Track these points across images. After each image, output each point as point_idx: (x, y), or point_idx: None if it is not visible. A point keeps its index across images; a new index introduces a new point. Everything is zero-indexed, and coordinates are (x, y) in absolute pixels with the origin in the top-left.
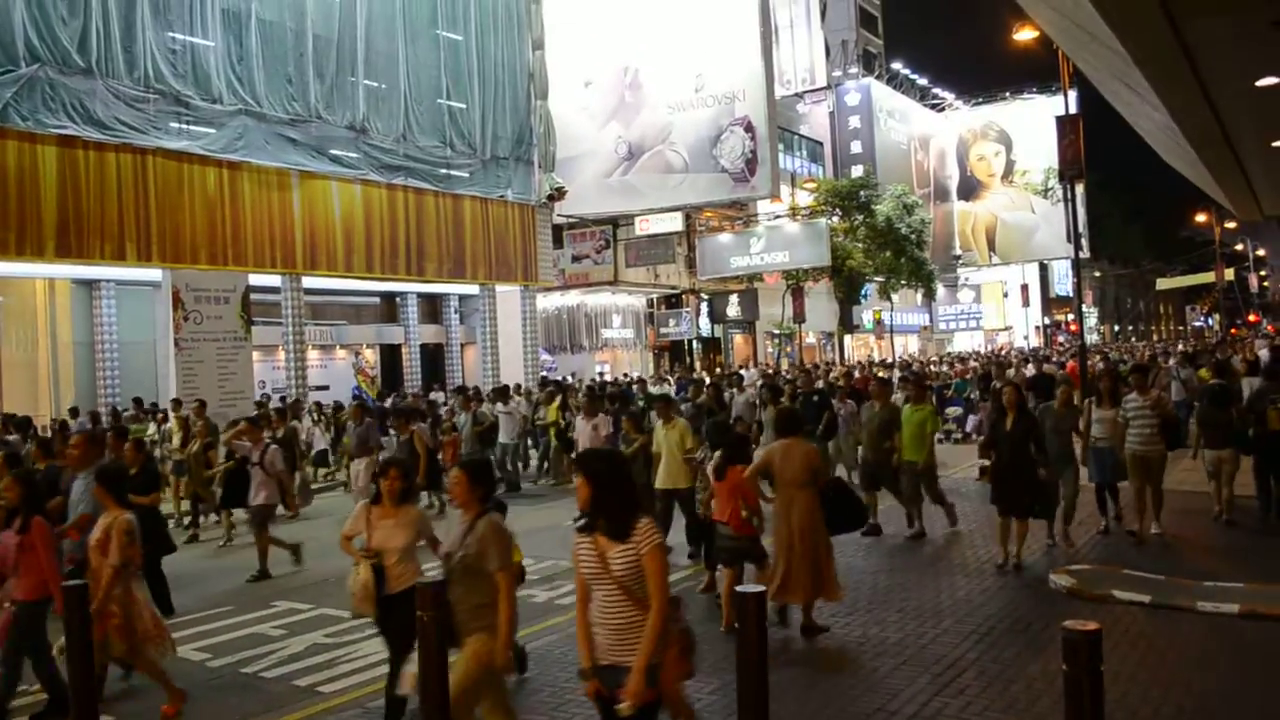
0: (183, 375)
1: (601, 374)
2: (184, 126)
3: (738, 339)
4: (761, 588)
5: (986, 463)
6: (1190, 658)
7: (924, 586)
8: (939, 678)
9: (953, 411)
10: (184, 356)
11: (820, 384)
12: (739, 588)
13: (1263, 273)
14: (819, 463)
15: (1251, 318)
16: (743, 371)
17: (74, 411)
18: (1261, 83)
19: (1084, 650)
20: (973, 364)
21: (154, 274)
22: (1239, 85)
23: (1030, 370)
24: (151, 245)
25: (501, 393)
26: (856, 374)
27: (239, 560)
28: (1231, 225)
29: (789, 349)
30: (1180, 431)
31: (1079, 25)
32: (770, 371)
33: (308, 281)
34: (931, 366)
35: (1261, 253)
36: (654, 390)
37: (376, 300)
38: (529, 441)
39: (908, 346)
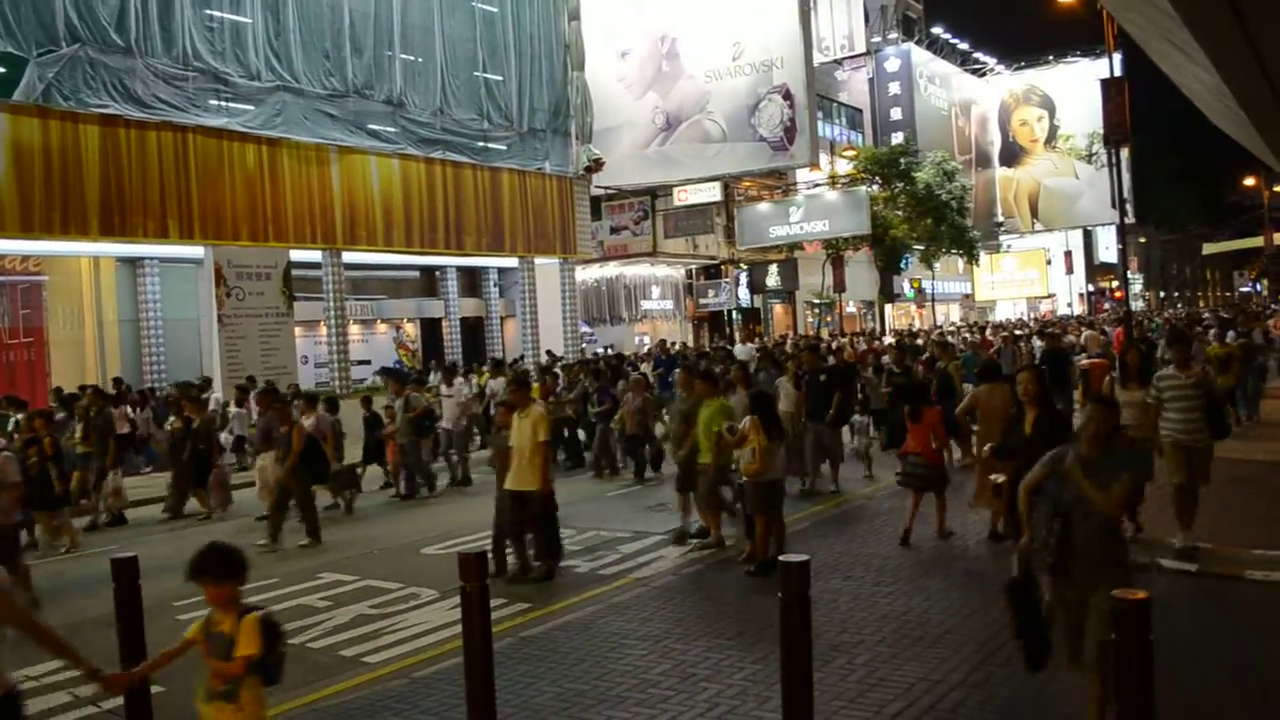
0: (226, 351)
1: (639, 345)
2: (223, 104)
3: (778, 309)
4: (805, 557)
5: (1000, 478)
6: (1242, 626)
7: (966, 558)
8: (984, 646)
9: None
10: (227, 332)
11: (832, 359)
12: (783, 557)
13: None
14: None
15: None
16: (738, 347)
17: (117, 382)
18: None
19: (1133, 619)
20: (972, 337)
21: (197, 251)
22: None
23: (1036, 346)
24: (194, 222)
25: (449, 372)
26: (861, 345)
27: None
28: None
29: (829, 318)
30: (1226, 418)
31: None
32: (770, 345)
33: (348, 256)
34: (953, 336)
35: None
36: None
37: (417, 274)
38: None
39: (949, 314)
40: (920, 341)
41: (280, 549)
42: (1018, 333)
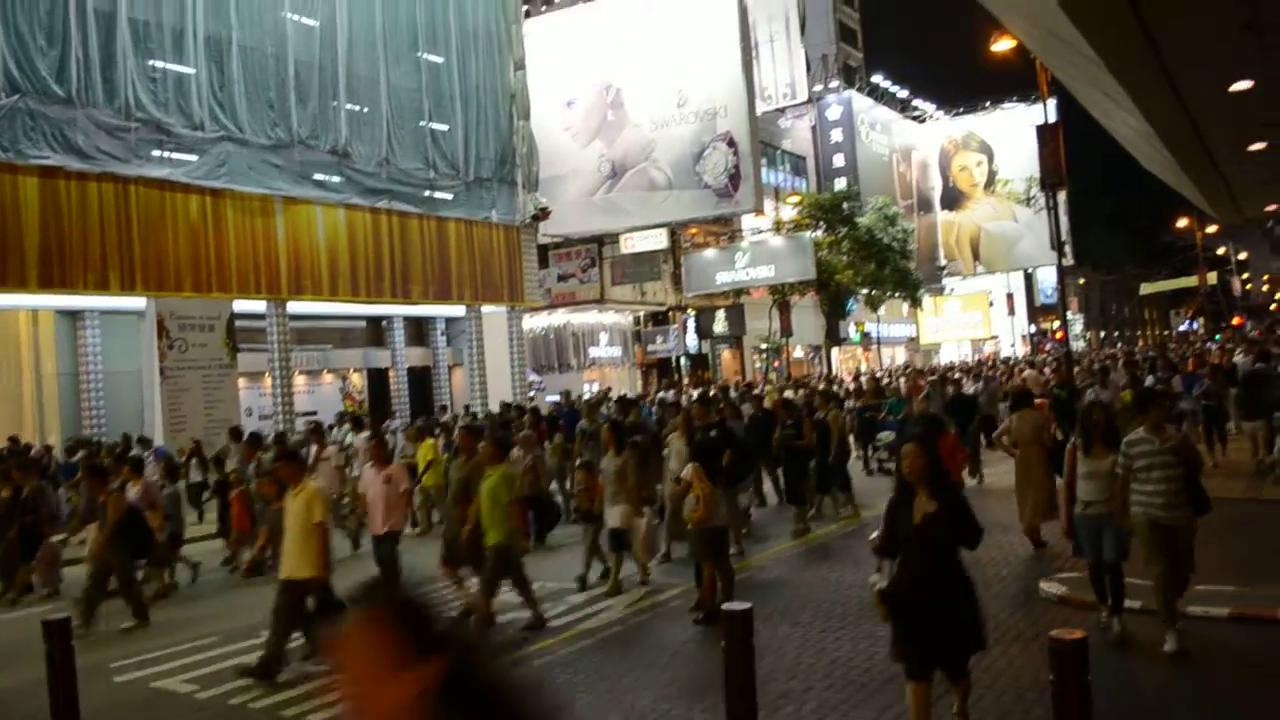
0: (169, 405)
1: (584, 393)
2: (166, 154)
3: (726, 354)
4: (748, 605)
5: (880, 582)
6: (1182, 662)
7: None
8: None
9: (885, 437)
10: (170, 385)
11: (745, 407)
12: (725, 605)
13: (1244, 275)
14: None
15: (1235, 321)
16: (661, 394)
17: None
18: (1235, 87)
19: (1070, 659)
20: (924, 380)
21: (139, 303)
22: (1213, 90)
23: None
24: (135, 274)
25: (316, 433)
26: (784, 393)
27: (224, 593)
28: (1212, 229)
29: (777, 363)
30: (1204, 491)
31: (1054, 34)
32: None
33: (294, 306)
34: (889, 379)
35: (1244, 256)
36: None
37: (363, 324)
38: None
39: (895, 357)
40: (850, 386)
41: (94, 633)
42: (956, 375)
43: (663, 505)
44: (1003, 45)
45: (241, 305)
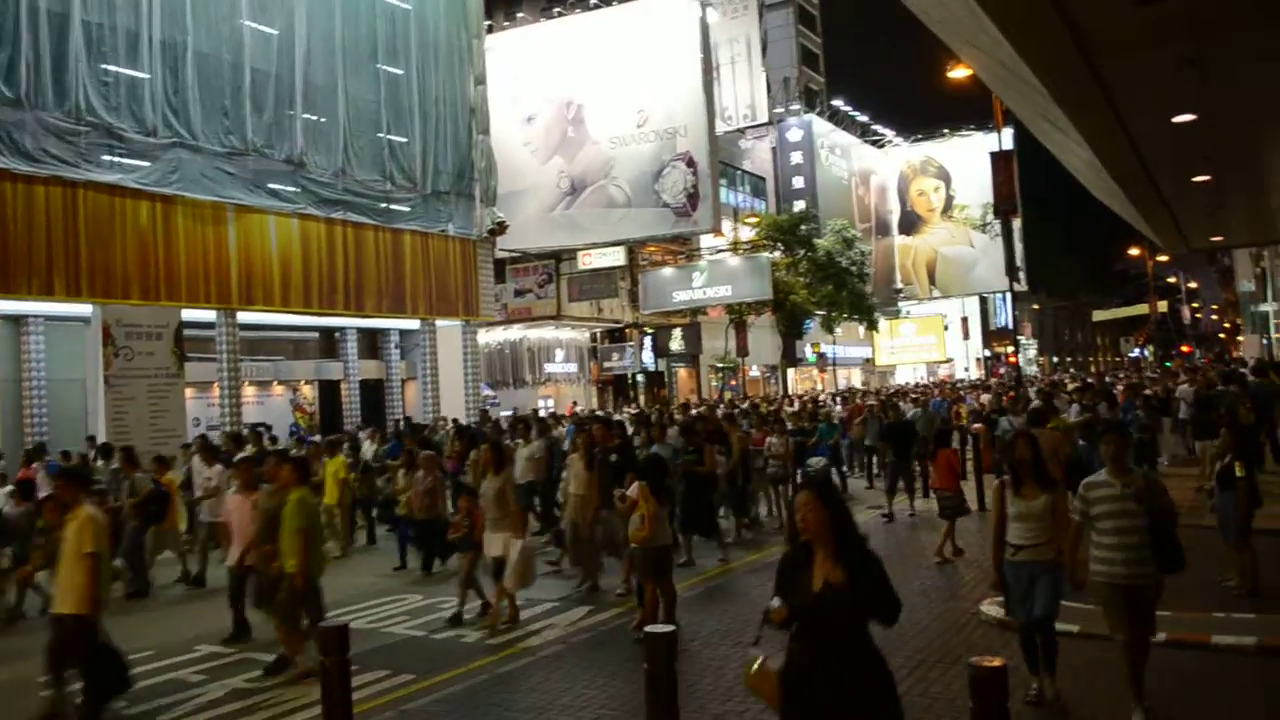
0: (113, 414)
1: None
2: (116, 159)
3: (682, 373)
4: (671, 628)
5: (762, 659)
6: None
7: None
8: None
9: (815, 463)
10: (114, 394)
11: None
12: (648, 627)
13: (1195, 304)
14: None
15: (1185, 349)
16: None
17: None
18: (1178, 119)
19: (990, 687)
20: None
21: (85, 309)
22: (1156, 122)
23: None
24: (81, 280)
25: (207, 449)
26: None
27: (161, 605)
28: (1164, 258)
29: (734, 382)
30: (1178, 543)
31: (1002, 64)
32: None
33: (246, 316)
34: (824, 403)
35: (1194, 285)
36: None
37: (316, 335)
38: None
39: (851, 378)
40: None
41: None
42: (903, 401)
43: (560, 532)
44: (959, 74)
45: (191, 314)
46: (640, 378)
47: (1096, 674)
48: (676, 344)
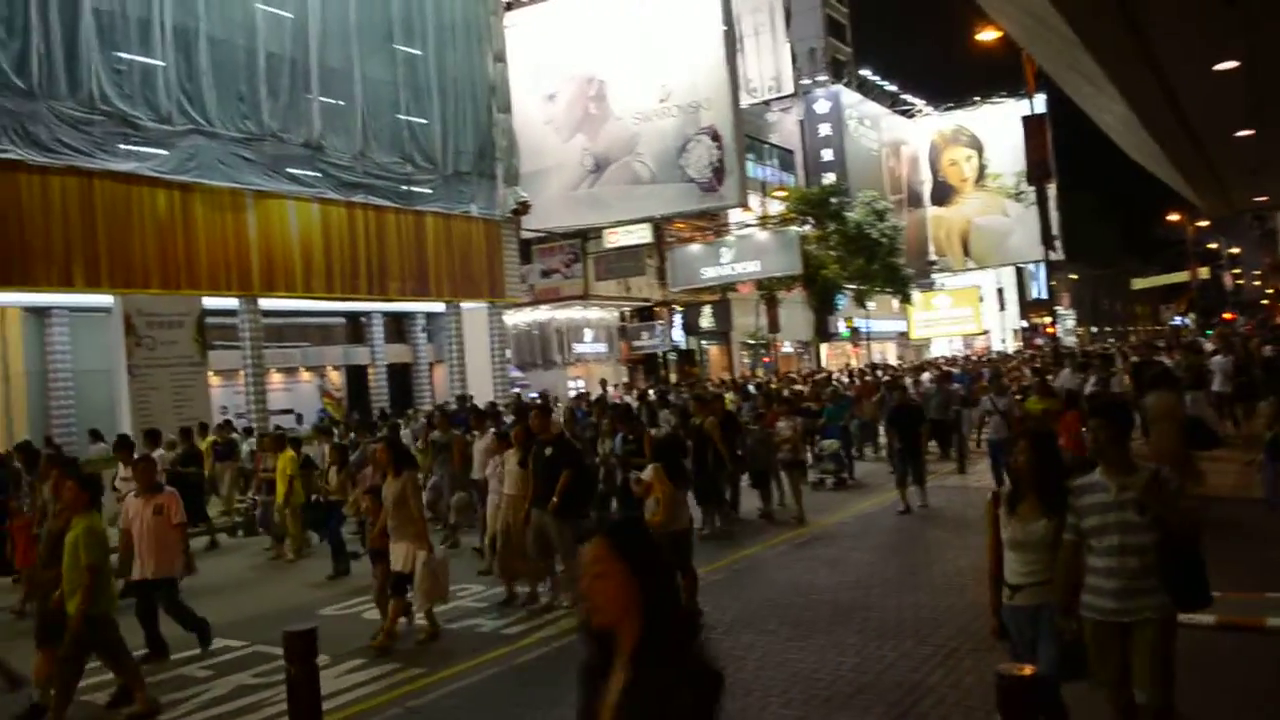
0: (137, 403)
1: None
2: (132, 148)
3: (713, 350)
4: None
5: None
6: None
7: (885, 604)
8: (894, 705)
9: (829, 445)
10: (138, 384)
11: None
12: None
13: (1236, 270)
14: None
15: (1227, 315)
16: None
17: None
18: (1219, 67)
19: (1018, 695)
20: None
21: (108, 300)
22: (1196, 69)
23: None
24: (100, 270)
25: (153, 437)
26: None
27: None
28: (1204, 223)
29: (766, 359)
30: (1201, 568)
31: (1031, 14)
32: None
33: (273, 303)
34: (840, 379)
35: (1236, 251)
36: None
37: (342, 321)
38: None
39: (886, 353)
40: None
41: None
42: (924, 376)
43: (494, 537)
44: (988, 36)
45: (216, 302)
46: (671, 356)
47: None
48: (707, 321)
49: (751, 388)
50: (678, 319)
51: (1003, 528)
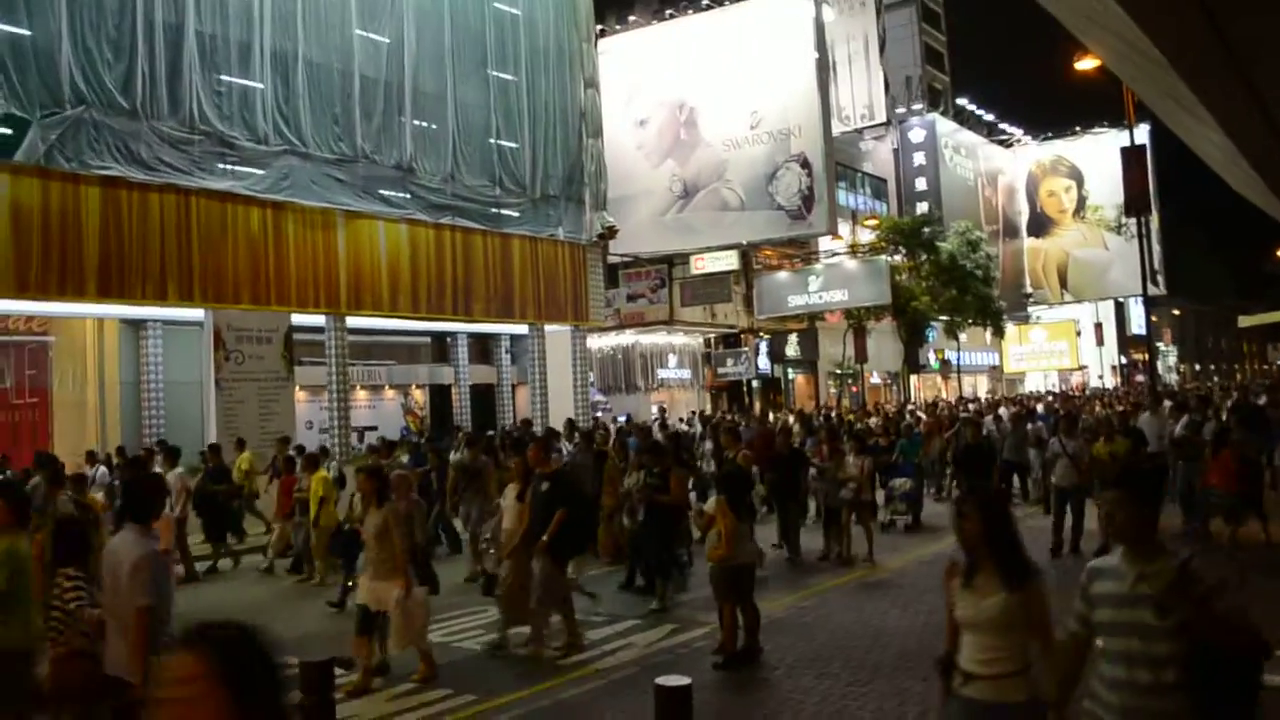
0: (224, 416)
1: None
2: (229, 167)
3: (799, 379)
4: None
5: None
6: None
7: None
8: None
9: (900, 484)
10: (225, 397)
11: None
12: (660, 680)
13: None
14: None
15: None
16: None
17: (120, 451)
18: None
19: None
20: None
21: (199, 314)
22: None
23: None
24: (194, 285)
25: (135, 463)
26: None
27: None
28: None
29: (853, 389)
30: (1257, 686)
31: (1121, 37)
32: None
33: (360, 321)
34: (920, 413)
35: None
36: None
37: (428, 340)
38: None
39: (977, 386)
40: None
41: None
42: (1000, 412)
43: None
44: (1087, 64)
45: (304, 319)
46: (755, 384)
47: None
48: (792, 349)
49: (817, 421)
50: (763, 346)
51: (956, 604)
